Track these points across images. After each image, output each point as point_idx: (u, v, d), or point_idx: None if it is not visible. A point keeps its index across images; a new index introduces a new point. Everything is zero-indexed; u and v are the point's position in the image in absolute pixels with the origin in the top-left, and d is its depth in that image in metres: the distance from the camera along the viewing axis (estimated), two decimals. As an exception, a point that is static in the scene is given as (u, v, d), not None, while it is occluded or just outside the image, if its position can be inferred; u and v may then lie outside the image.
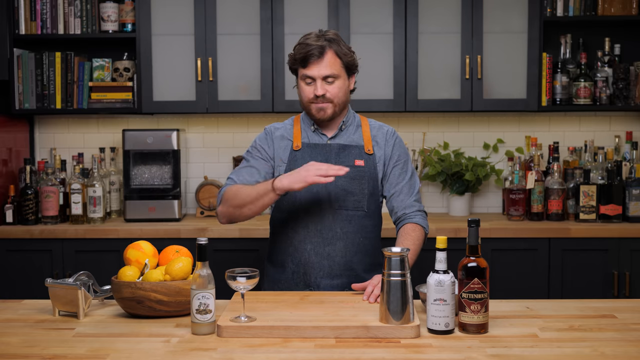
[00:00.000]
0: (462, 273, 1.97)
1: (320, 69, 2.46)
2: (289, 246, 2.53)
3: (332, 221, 2.49)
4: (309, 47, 2.45)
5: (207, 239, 2.02)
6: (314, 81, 2.47)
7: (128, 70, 3.88)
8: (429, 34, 3.79)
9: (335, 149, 2.54)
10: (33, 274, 3.61)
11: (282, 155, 2.54)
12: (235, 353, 1.84)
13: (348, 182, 2.50)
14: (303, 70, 2.48)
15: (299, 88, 2.54)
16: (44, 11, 3.83)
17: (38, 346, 1.90)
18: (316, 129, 2.57)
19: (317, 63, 2.45)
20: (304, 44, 2.47)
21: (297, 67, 2.50)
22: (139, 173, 3.86)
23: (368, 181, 2.53)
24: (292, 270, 2.52)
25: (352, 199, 2.50)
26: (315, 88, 2.47)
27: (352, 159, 2.53)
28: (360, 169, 2.53)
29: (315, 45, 2.45)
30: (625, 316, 2.15)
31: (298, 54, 2.47)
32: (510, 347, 1.88)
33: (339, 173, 2.27)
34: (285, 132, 2.58)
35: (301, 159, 2.51)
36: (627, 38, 3.98)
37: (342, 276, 2.50)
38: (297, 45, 2.50)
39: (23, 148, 4.02)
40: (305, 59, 2.45)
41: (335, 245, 2.49)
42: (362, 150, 2.56)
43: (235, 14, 3.80)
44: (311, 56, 2.45)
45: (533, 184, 3.76)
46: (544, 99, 3.83)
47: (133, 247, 2.23)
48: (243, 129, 4.13)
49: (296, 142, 2.55)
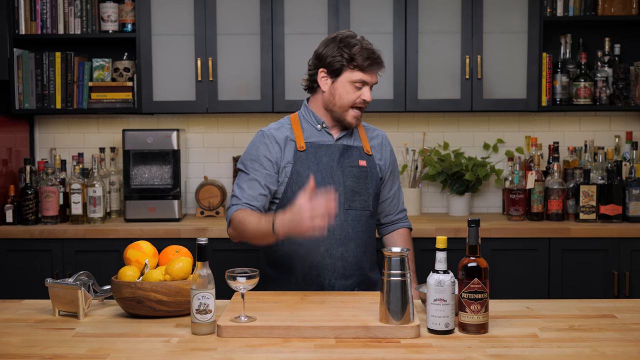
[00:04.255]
0: (462, 273, 1.97)
1: (374, 76, 2.45)
2: (299, 248, 2.48)
3: (343, 221, 2.48)
4: (375, 54, 2.42)
5: (207, 239, 2.02)
6: (365, 86, 2.44)
7: (128, 70, 3.88)
8: (429, 34, 3.79)
9: (340, 150, 2.52)
10: (33, 274, 3.61)
11: (288, 156, 2.49)
12: (235, 353, 1.84)
13: (355, 182, 2.50)
14: (361, 73, 2.41)
15: (339, 89, 2.45)
16: (44, 11, 3.83)
17: (38, 346, 1.90)
18: (323, 128, 2.54)
19: (376, 71, 2.44)
20: (367, 49, 2.41)
21: (353, 70, 2.42)
22: (139, 173, 3.86)
23: (371, 181, 2.54)
24: (304, 273, 2.49)
25: (360, 199, 2.50)
26: (364, 93, 2.44)
27: (356, 160, 2.53)
28: (364, 169, 2.53)
29: (375, 51, 2.43)
30: (625, 316, 2.15)
31: (361, 56, 2.40)
32: (510, 347, 1.88)
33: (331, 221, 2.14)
34: (286, 132, 2.53)
35: (306, 160, 2.48)
36: (627, 38, 3.98)
37: (354, 276, 2.51)
38: (354, 47, 2.41)
39: (23, 148, 4.02)
40: (371, 64, 2.41)
41: (347, 246, 2.49)
42: (363, 151, 2.56)
43: (235, 14, 3.80)
44: (377, 64, 2.42)
45: (533, 184, 3.76)
46: (544, 99, 3.83)
47: (133, 247, 2.23)
48: (243, 129, 4.13)
49: (299, 142, 2.50)
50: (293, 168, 2.48)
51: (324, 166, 2.49)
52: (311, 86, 2.54)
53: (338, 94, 2.46)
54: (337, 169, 2.49)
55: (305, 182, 2.44)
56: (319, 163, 2.49)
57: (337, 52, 2.42)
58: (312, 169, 2.47)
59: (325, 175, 2.48)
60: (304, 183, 2.44)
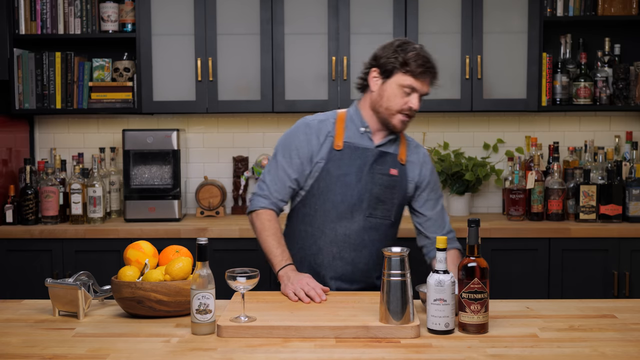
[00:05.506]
0: (462, 273, 1.97)
1: (426, 86, 2.43)
2: (312, 245, 2.51)
3: (361, 228, 2.48)
4: (429, 63, 2.40)
5: (207, 239, 2.02)
6: (414, 93, 2.41)
7: (128, 70, 3.88)
8: (429, 34, 3.79)
9: (374, 155, 2.49)
10: (33, 274, 3.61)
11: (323, 152, 2.48)
12: (235, 353, 1.84)
13: (382, 190, 2.48)
14: (412, 79, 2.39)
15: (388, 91, 2.43)
16: (44, 11, 3.83)
17: (38, 346, 1.90)
18: (366, 132, 2.51)
19: (428, 80, 2.42)
20: (422, 56, 2.40)
21: (404, 73, 2.40)
22: (139, 173, 3.86)
23: (399, 191, 2.51)
24: (312, 270, 2.51)
25: (383, 208, 2.49)
26: (412, 101, 2.41)
27: (387, 168, 2.50)
28: (394, 178, 2.50)
29: (431, 60, 2.41)
30: (625, 316, 2.15)
31: (415, 62, 2.38)
32: (510, 347, 1.88)
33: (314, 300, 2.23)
34: (329, 127, 2.51)
35: (339, 160, 2.47)
36: (627, 38, 3.98)
37: (361, 282, 2.51)
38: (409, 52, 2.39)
39: (23, 148, 4.02)
40: (423, 72, 2.39)
41: (361, 252, 2.49)
42: (397, 159, 2.52)
43: (235, 14, 3.80)
44: (429, 72, 2.40)
45: (533, 184, 3.76)
46: (544, 99, 3.83)
47: (133, 247, 2.23)
48: (243, 129, 4.13)
49: (338, 141, 2.48)
50: (325, 165, 2.47)
51: (354, 169, 2.47)
52: (363, 85, 2.52)
53: (386, 95, 2.44)
54: (368, 174, 2.47)
55: (333, 182, 2.45)
56: (350, 165, 2.47)
57: (393, 54, 2.41)
58: (343, 170, 2.46)
59: (354, 179, 2.47)
60: (332, 182, 2.46)
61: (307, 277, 2.31)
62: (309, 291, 2.24)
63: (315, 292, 2.24)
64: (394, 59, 2.40)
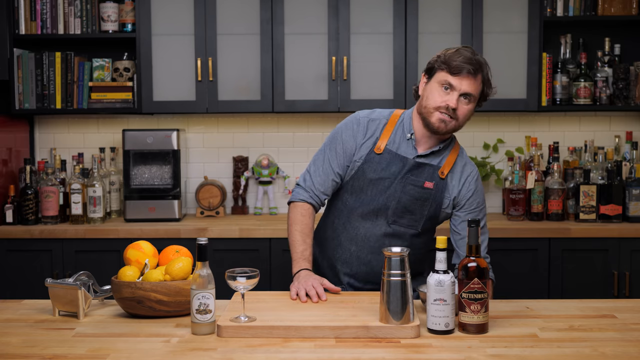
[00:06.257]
0: (462, 273, 1.97)
1: (465, 84, 2.36)
2: (335, 238, 2.54)
3: (382, 233, 2.47)
4: (466, 59, 2.35)
5: (207, 239, 2.02)
6: (452, 91, 2.36)
7: (128, 70, 3.88)
8: (429, 34, 3.79)
9: (411, 166, 2.45)
10: (33, 274, 3.61)
11: (363, 152, 2.47)
12: (235, 353, 1.84)
13: (411, 201, 2.45)
14: (449, 76, 2.36)
15: (428, 90, 2.41)
16: (44, 11, 3.83)
17: (38, 346, 1.90)
18: (411, 139, 2.47)
19: (466, 78, 2.35)
20: (459, 53, 2.37)
21: (442, 70, 2.37)
22: (139, 173, 3.86)
23: (431, 204, 2.46)
24: (330, 263, 2.55)
25: (409, 217, 2.47)
26: (449, 99, 2.36)
27: (422, 180, 2.45)
28: (428, 190, 2.45)
29: (474, 59, 2.36)
30: (625, 316, 2.15)
31: (452, 59, 2.36)
32: (510, 347, 1.88)
33: (312, 300, 2.24)
34: (377, 128, 2.49)
35: (377, 164, 2.45)
36: (627, 38, 3.98)
37: (374, 283, 2.50)
38: (449, 52, 2.38)
39: (23, 148, 4.02)
40: (459, 67, 2.34)
41: (379, 256, 2.47)
42: (436, 171, 2.46)
43: (235, 14, 3.80)
44: (466, 69, 2.34)
45: (533, 184, 3.76)
46: (544, 99, 3.83)
47: (133, 247, 2.23)
48: (243, 129, 4.13)
49: (380, 144, 2.47)
50: (360, 166, 2.47)
51: (387, 175, 2.45)
52: (416, 91, 2.51)
53: (426, 94, 2.41)
54: (399, 183, 2.44)
55: (365, 184, 2.46)
56: (384, 171, 2.45)
57: (438, 57, 2.41)
58: (377, 174, 2.45)
59: (385, 185, 2.45)
60: (365, 184, 2.46)
61: (314, 280, 2.32)
62: (309, 291, 2.26)
63: (315, 293, 2.25)
64: (437, 58, 2.41)
